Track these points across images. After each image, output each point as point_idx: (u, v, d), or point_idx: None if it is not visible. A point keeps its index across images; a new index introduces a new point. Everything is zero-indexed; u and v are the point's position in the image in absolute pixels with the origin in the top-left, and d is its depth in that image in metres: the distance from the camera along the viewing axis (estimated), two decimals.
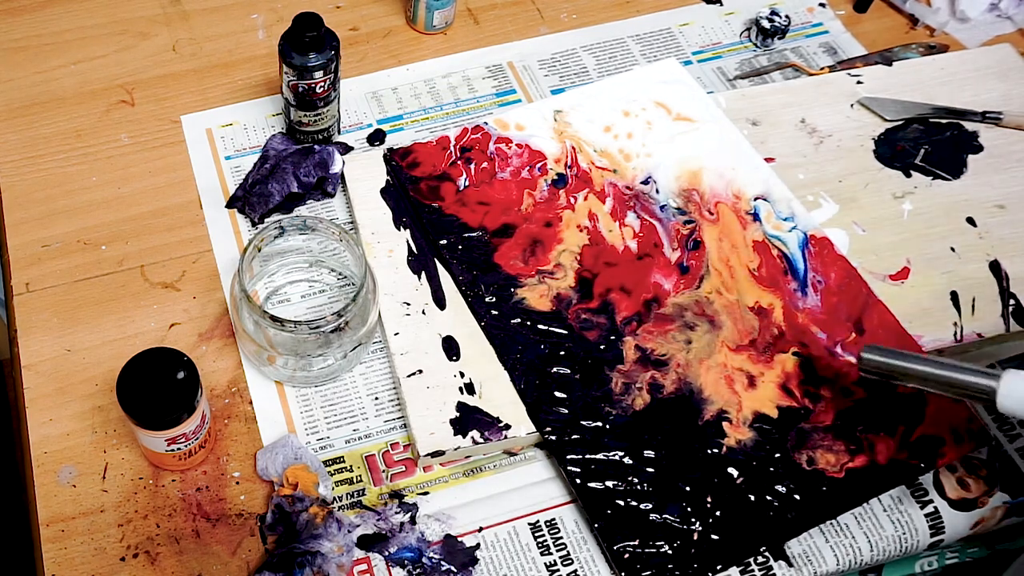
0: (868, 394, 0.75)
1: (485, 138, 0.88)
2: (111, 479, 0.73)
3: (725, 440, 0.73)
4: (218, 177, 0.89)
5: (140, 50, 0.98)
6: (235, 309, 0.75)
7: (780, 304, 0.79)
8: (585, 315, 0.78)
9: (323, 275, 0.82)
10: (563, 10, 1.03)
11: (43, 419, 0.75)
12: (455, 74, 0.97)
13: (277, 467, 0.72)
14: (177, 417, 0.67)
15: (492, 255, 0.81)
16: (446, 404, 0.74)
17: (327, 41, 0.82)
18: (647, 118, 0.90)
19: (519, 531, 0.72)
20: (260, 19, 1.00)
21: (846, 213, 0.86)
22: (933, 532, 0.73)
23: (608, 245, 0.82)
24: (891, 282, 0.82)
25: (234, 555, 0.70)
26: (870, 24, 1.03)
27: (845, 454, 0.72)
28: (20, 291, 0.82)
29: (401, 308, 0.79)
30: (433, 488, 0.73)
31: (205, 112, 0.93)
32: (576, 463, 0.72)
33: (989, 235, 0.85)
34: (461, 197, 0.85)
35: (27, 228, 0.85)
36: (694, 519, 0.70)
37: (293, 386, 0.77)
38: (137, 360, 0.68)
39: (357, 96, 0.95)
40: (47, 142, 0.91)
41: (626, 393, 0.75)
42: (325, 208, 0.87)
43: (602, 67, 0.98)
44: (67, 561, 0.69)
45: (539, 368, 0.76)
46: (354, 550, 0.70)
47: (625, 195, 0.85)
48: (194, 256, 0.84)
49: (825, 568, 0.71)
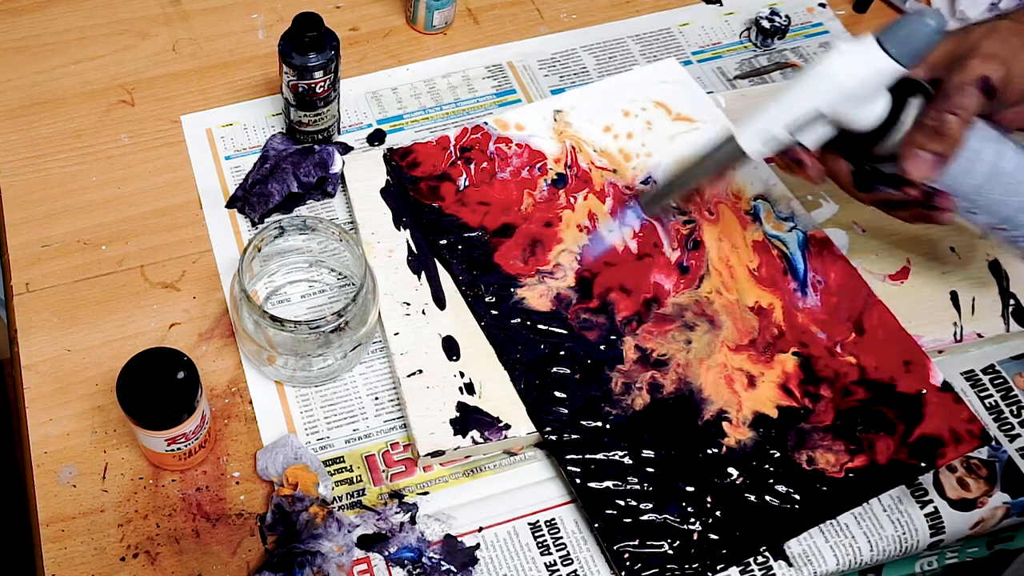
0: (868, 394, 0.75)
1: (485, 138, 0.88)
2: (111, 479, 0.73)
3: (725, 440, 0.73)
4: (218, 177, 0.89)
5: (140, 50, 0.98)
6: (235, 309, 0.75)
7: (780, 304, 0.79)
8: (585, 315, 0.78)
9: (323, 275, 0.82)
10: (563, 10, 1.03)
11: (43, 419, 0.75)
12: (455, 74, 0.97)
13: (277, 467, 0.72)
14: (177, 417, 0.67)
15: (492, 255, 0.81)
16: (446, 404, 0.74)
17: (327, 41, 0.82)
18: (647, 118, 0.90)
19: (519, 531, 0.72)
20: (260, 19, 1.00)
21: (846, 213, 0.86)
22: (933, 532, 0.73)
23: (608, 245, 0.82)
24: (891, 282, 0.82)
25: (234, 555, 0.70)
26: (870, 24, 1.03)
27: (845, 454, 0.72)
28: (20, 291, 0.82)
29: (401, 308, 0.79)
30: (433, 488, 0.73)
31: (205, 112, 0.93)
32: (576, 463, 0.72)
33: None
34: (461, 197, 0.85)
35: (27, 228, 0.85)
36: (694, 519, 0.70)
37: (293, 386, 0.77)
38: (137, 360, 0.68)
39: (357, 96, 0.95)
40: (47, 142, 0.91)
41: (626, 393, 0.75)
42: (325, 208, 0.87)
43: (602, 67, 0.98)
44: (67, 561, 0.69)
45: (539, 368, 0.76)
46: (354, 550, 0.70)
47: (625, 195, 0.85)
48: (194, 256, 0.84)
49: (825, 568, 0.71)
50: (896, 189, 0.69)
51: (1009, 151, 0.69)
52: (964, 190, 0.69)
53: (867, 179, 0.70)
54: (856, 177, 0.70)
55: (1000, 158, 0.68)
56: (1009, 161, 0.68)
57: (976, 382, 0.79)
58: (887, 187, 0.69)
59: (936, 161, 0.66)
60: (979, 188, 0.69)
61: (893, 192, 0.69)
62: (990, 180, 0.68)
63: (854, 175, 0.70)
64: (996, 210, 0.70)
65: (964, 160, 0.67)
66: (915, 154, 0.66)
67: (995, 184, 0.68)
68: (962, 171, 0.68)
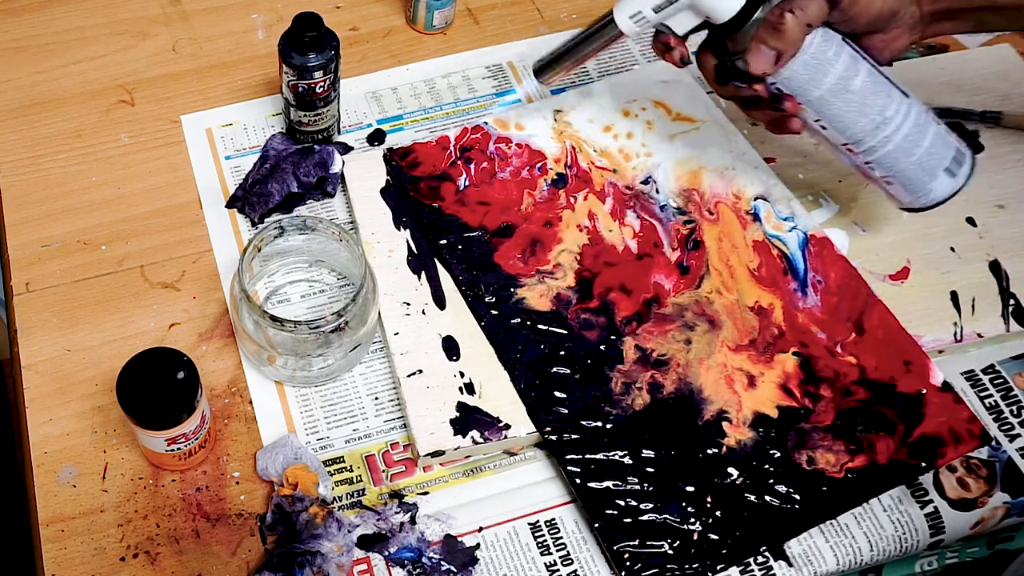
0: (868, 394, 0.75)
1: (485, 138, 0.88)
2: (111, 479, 0.73)
3: (725, 440, 0.73)
4: (218, 177, 0.89)
5: (140, 50, 0.98)
6: (235, 309, 0.75)
7: (780, 304, 0.79)
8: (585, 315, 0.78)
9: (323, 275, 0.82)
10: (563, 10, 1.03)
11: (43, 419, 0.75)
12: (455, 74, 0.97)
13: (277, 467, 0.72)
14: (177, 417, 0.67)
15: (492, 255, 0.81)
16: (446, 404, 0.74)
17: (327, 41, 0.83)
18: (647, 118, 0.90)
19: (519, 531, 0.72)
20: (260, 19, 1.01)
21: (846, 213, 0.86)
22: (933, 532, 0.73)
23: (608, 245, 0.82)
24: (891, 282, 0.82)
25: (234, 555, 0.70)
26: None
27: (845, 454, 0.72)
28: (20, 291, 0.82)
29: (401, 308, 0.79)
30: (433, 488, 0.73)
31: (205, 112, 0.93)
32: (576, 463, 0.72)
33: (989, 235, 0.85)
34: (461, 197, 0.85)
35: (27, 228, 0.85)
36: (694, 519, 0.70)
37: (293, 386, 0.77)
38: (137, 360, 0.68)
39: (357, 96, 0.95)
40: (47, 142, 0.91)
41: (626, 393, 0.75)
42: (325, 208, 0.87)
43: (602, 67, 0.98)
44: (67, 561, 0.69)
45: (539, 368, 0.76)
46: (354, 550, 0.70)
47: (625, 195, 0.85)
48: (194, 256, 0.84)
49: (825, 568, 0.71)
50: (747, 85, 0.73)
51: (862, 72, 0.72)
52: (811, 99, 0.73)
53: (725, 73, 0.74)
54: (717, 71, 0.75)
55: (850, 75, 0.72)
56: (859, 81, 0.72)
57: (976, 382, 0.79)
58: (740, 82, 0.74)
59: (774, 57, 0.70)
60: (826, 100, 0.72)
61: (743, 88, 0.74)
62: (836, 94, 0.72)
63: (715, 68, 0.75)
64: (844, 128, 0.73)
65: (810, 67, 0.71)
66: (757, 48, 0.70)
67: (843, 99, 0.72)
68: (808, 78, 0.72)
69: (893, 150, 0.73)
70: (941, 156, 0.74)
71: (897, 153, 0.73)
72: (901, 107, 0.72)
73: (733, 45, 0.72)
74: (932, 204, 0.76)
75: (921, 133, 0.73)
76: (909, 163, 0.74)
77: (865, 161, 0.75)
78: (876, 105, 0.72)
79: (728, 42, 0.72)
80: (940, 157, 0.74)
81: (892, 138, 0.73)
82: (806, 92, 0.72)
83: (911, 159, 0.73)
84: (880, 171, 0.75)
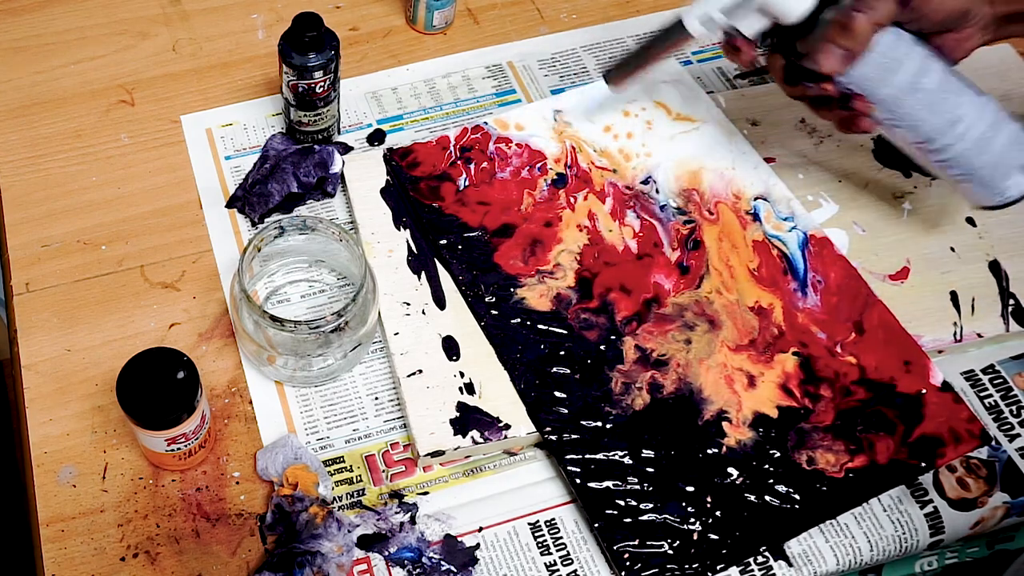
0: (868, 394, 0.75)
1: (485, 138, 0.88)
2: (111, 479, 0.73)
3: (725, 440, 0.73)
4: (218, 177, 0.89)
5: (140, 50, 0.98)
6: (235, 309, 0.75)
7: (780, 304, 0.79)
8: (585, 315, 0.78)
9: (323, 275, 0.82)
10: (563, 10, 1.03)
11: (43, 419, 0.75)
12: (455, 74, 0.97)
13: (277, 467, 0.72)
14: (177, 417, 0.67)
15: (492, 255, 0.81)
16: (446, 404, 0.74)
17: (327, 41, 0.83)
18: (647, 118, 0.90)
19: (519, 531, 0.72)
20: (260, 19, 1.01)
21: (846, 213, 0.86)
22: (933, 532, 0.73)
23: (608, 245, 0.82)
24: (891, 282, 0.82)
25: (234, 555, 0.70)
26: None
27: (845, 454, 0.72)
28: (20, 291, 0.82)
29: (401, 308, 0.79)
30: (433, 488, 0.73)
31: (205, 112, 0.93)
32: (576, 463, 0.72)
33: (989, 235, 0.85)
34: (461, 197, 0.85)
35: (27, 228, 0.85)
36: (694, 519, 0.70)
37: (293, 386, 0.77)
38: (137, 360, 0.68)
39: (357, 96, 0.95)
40: (47, 142, 0.91)
41: (626, 393, 0.75)
42: (325, 208, 0.87)
43: (602, 67, 0.98)
44: (67, 561, 0.69)
45: (539, 368, 0.76)
46: (354, 550, 0.70)
47: (625, 195, 0.85)
48: (194, 256, 0.84)
49: (825, 568, 0.71)
50: (816, 84, 0.73)
51: (935, 71, 0.72)
52: (882, 97, 0.72)
53: (794, 73, 0.74)
54: (786, 71, 0.74)
55: (923, 74, 0.71)
56: (932, 79, 0.72)
57: (976, 382, 0.79)
58: (809, 82, 0.73)
59: (844, 56, 0.70)
60: (897, 99, 0.72)
61: (813, 88, 0.74)
62: (909, 93, 0.72)
63: (784, 69, 0.74)
64: (916, 126, 0.73)
65: (880, 66, 0.71)
66: (826, 47, 0.70)
67: (915, 99, 0.72)
68: (878, 77, 0.71)
69: (966, 149, 0.73)
70: (1017, 155, 0.73)
71: (970, 152, 0.73)
72: (974, 106, 0.72)
73: (803, 45, 0.71)
74: (1007, 203, 0.75)
75: (996, 132, 0.72)
76: (983, 162, 0.73)
77: (937, 160, 0.74)
78: (948, 103, 0.72)
79: (798, 42, 0.72)
80: (1015, 156, 0.73)
81: (965, 136, 0.72)
82: (876, 91, 0.72)
83: (985, 157, 0.73)
84: (953, 170, 0.74)
